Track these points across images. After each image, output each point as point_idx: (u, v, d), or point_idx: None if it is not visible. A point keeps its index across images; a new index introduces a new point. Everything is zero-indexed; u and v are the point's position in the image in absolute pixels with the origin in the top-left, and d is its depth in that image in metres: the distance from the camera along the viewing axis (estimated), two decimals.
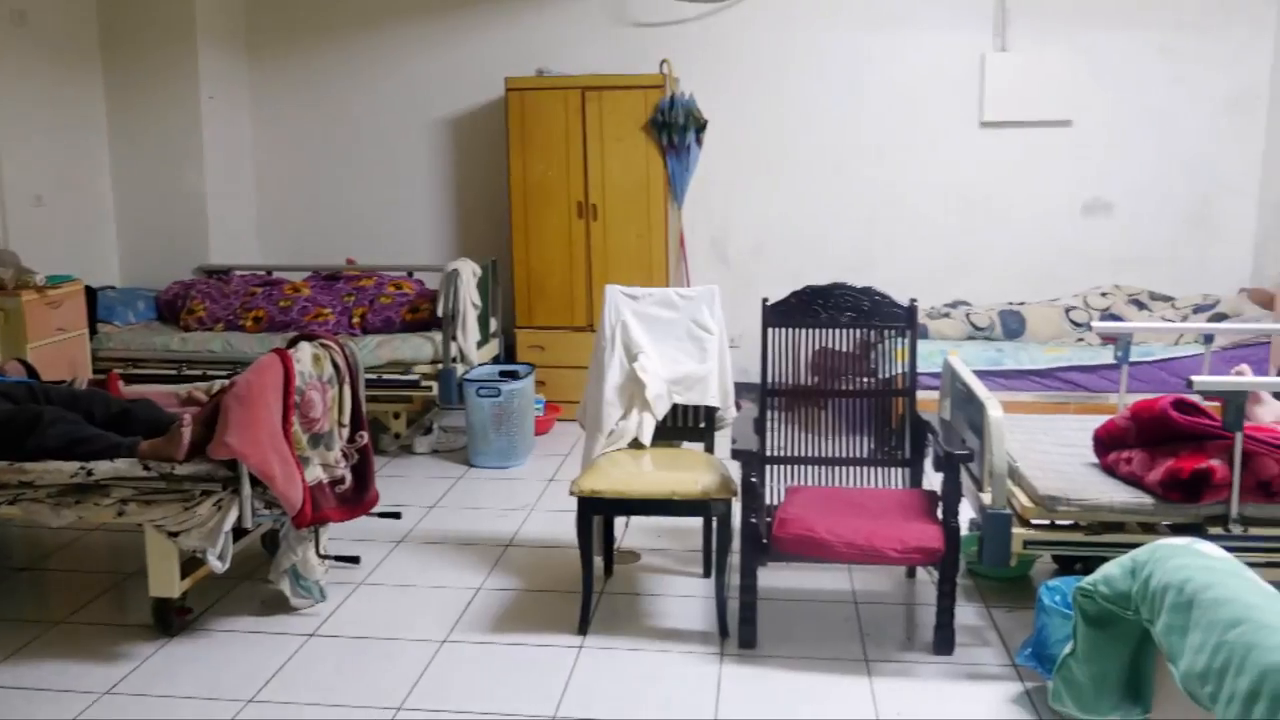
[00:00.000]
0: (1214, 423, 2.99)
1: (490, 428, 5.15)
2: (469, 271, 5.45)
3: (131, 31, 6.15)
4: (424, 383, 5.31)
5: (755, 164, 6.30)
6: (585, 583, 3.41)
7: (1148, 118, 6.03)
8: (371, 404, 4.81)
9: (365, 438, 3.73)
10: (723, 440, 3.60)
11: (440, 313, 5.33)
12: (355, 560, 3.93)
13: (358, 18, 6.50)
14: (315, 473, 3.47)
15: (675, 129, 5.79)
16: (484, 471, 5.15)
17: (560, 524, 4.29)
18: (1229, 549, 2.02)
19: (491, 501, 4.70)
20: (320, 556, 3.61)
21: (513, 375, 5.30)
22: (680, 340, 3.79)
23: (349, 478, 3.65)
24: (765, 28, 6.17)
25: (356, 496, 3.68)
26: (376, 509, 3.80)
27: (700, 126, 5.90)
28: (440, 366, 5.30)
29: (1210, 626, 1.72)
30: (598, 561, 3.68)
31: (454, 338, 5.32)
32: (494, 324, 5.98)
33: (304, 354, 3.46)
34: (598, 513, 3.46)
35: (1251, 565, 2.62)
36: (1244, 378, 3.29)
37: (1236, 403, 2.89)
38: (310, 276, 6.10)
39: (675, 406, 3.78)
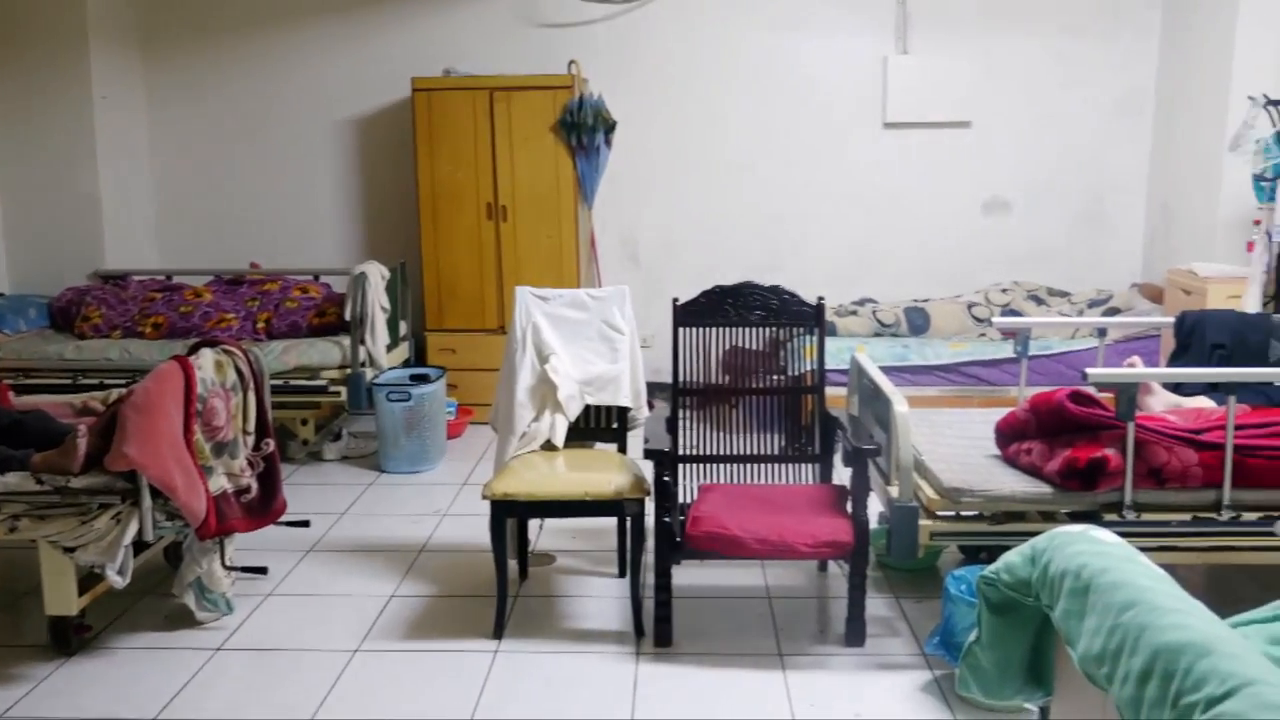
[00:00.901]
0: (1108, 413, 3.09)
1: (401, 432, 5.08)
2: (377, 274, 5.37)
3: (19, 29, 5.92)
4: (332, 388, 5.21)
5: (664, 164, 6.33)
6: (499, 586, 3.39)
7: (1043, 119, 6.22)
8: (278, 410, 4.72)
9: (271, 445, 3.65)
10: (635, 440, 3.61)
11: (348, 316, 5.24)
12: (263, 571, 3.85)
13: (258, 15, 6.36)
14: (219, 482, 3.39)
15: (584, 130, 5.79)
16: (395, 477, 5.08)
17: (473, 528, 4.25)
18: (1123, 535, 2.08)
19: (403, 507, 4.64)
20: (226, 568, 3.53)
21: (423, 379, 5.24)
22: (591, 341, 3.79)
23: (255, 487, 3.57)
24: (672, 29, 6.20)
25: (263, 506, 3.60)
26: (284, 518, 3.72)
27: (609, 127, 5.90)
28: (349, 371, 5.21)
29: (1105, 610, 1.77)
30: (512, 565, 3.66)
31: (362, 342, 5.23)
32: (404, 327, 5.91)
33: (206, 361, 3.38)
34: (511, 515, 3.44)
35: (1144, 549, 2.71)
36: (1135, 369, 3.40)
37: (1128, 394, 2.99)
38: (212, 281, 5.94)
39: (587, 407, 3.78)
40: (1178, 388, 3.62)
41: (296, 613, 3.59)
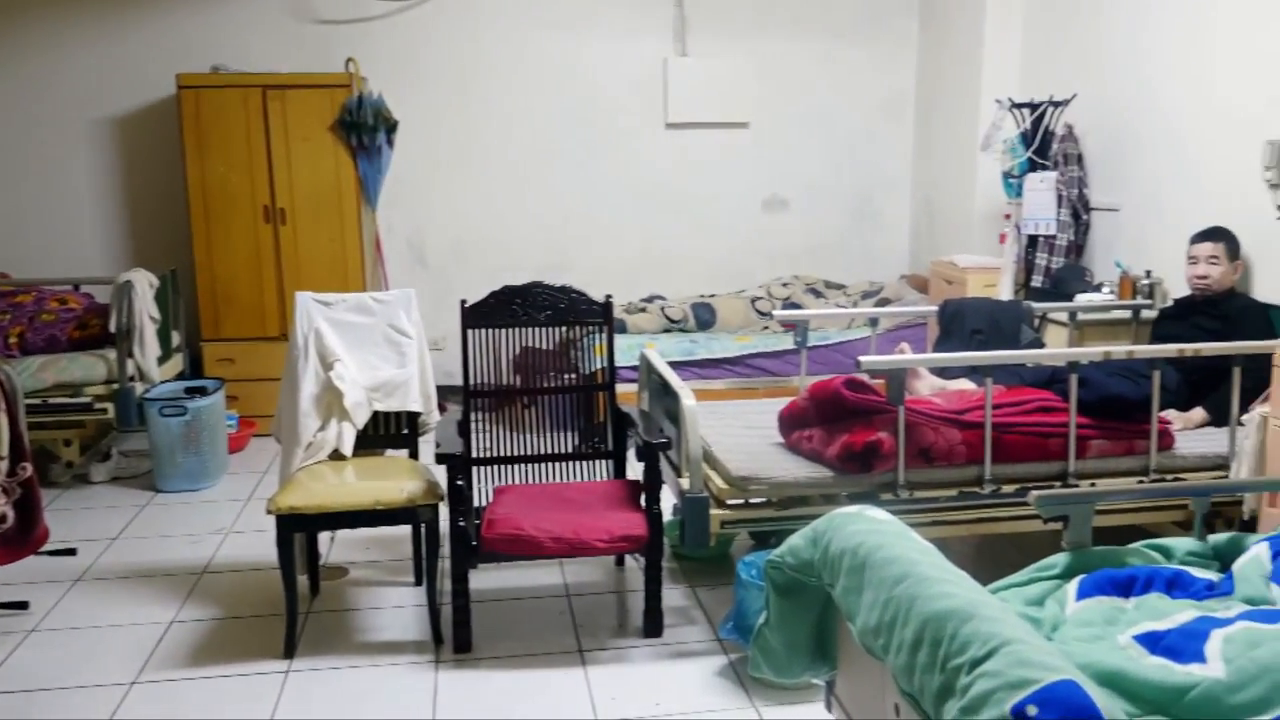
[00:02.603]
0: (881, 398, 3.27)
1: (178, 449, 4.81)
2: (144, 283, 5.05)
3: None
4: (98, 405, 4.87)
5: (450, 165, 6.25)
6: (289, 604, 3.26)
7: (815, 120, 6.51)
8: (37, 432, 4.39)
9: (29, 470, 3.37)
10: (427, 445, 3.55)
11: (113, 328, 4.91)
12: (23, 606, 3.55)
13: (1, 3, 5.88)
14: None
15: (365, 129, 5.64)
16: (173, 496, 4.80)
17: (260, 545, 4.07)
18: (898, 512, 2.20)
19: (182, 527, 4.40)
20: None
21: (200, 391, 4.98)
22: (378, 346, 3.70)
23: (11, 515, 3.30)
24: (452, 27, 6.13)
25: (21, 536, 3.33)
26: (47, 547, 3.46)
27: (391, 127, 5.77)
28: (116, 386, 4.88)
29: (880, 584, 1.87)
30: (302, 580, 3.53)
31: (130, 355, 4.91)
32: (176, 338, 5.58)
33: None
34: (299, 529, 3.31)
35: (917, 525, 2.87)
36: (904, 356, 3.60)
37: (898, 379, 3.17)
38: None
39: (376, 414, 3.68)
40: (943, 371, 3.86)
41: (64, 649, 3.34)
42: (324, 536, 4.05)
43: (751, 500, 3.33)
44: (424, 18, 6.11)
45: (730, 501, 3.29)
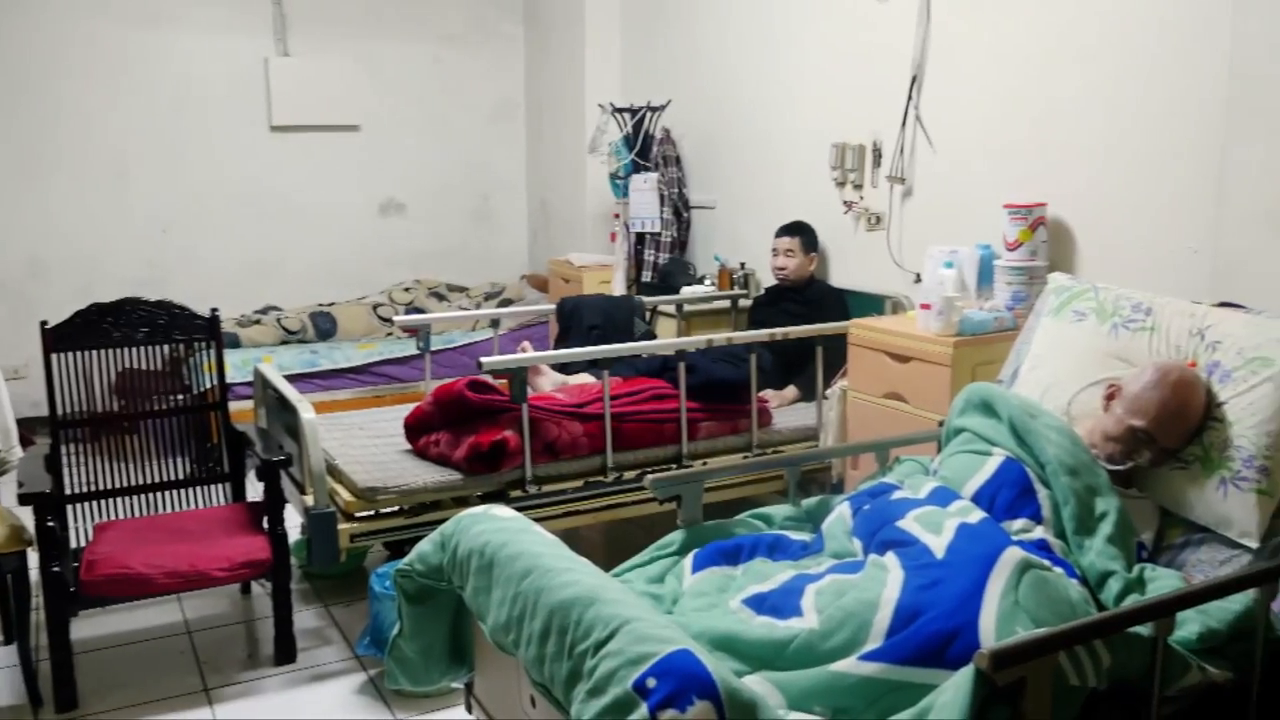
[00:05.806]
0: (504, 397, 3.32)
1: None
2: None
3: None
4: None
5: (19, 173, 5.57)
6: None
7: (428, 123, 6.49)
8: None
9: None
10: (9, 485, 3.16)
11: None
12: None
13: None
14: None
15: None
16: None
17: None
18: (528, 507, 2.26)
19: None
20: None
21: None
22: None
23: None
24: (8, 19, 5.45)
25: None
26: None
27: None
28: None
29: (508, 581, 1.91)
30: None
31: None
32: None
33: None
34: None
35: (548, 518, 2.96)
36: (524, 354, 3.68)
37: (520, 377, 3.24)
38: None
39: None
40: (565, 367, 3.99)
41: None
42: None
43: (382, 510, 3.28)
44: None
45: (359, 514, 3.22)
